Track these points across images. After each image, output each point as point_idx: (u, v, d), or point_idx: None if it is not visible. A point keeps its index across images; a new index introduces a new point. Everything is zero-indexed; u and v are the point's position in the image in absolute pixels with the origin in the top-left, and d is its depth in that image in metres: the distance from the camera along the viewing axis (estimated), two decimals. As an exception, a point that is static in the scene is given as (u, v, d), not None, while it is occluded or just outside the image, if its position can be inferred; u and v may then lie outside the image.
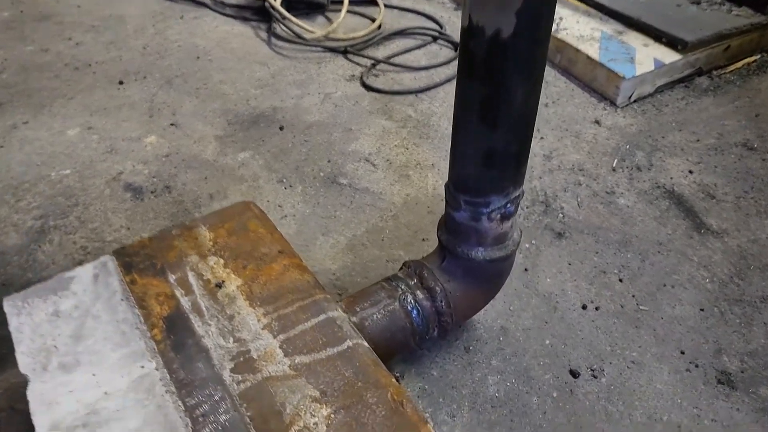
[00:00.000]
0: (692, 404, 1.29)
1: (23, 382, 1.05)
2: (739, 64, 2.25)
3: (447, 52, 2.46)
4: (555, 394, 1.30)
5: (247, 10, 2.68)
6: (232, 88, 2.22)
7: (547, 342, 1.40)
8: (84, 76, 2.29)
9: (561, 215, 1.71)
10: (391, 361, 1.31)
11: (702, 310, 1.47)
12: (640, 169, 1.86)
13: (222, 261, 1.21)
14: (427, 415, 1.26)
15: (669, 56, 2.10)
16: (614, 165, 1.87)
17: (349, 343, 1.08)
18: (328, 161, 1.89)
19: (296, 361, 1.05)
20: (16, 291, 1.52)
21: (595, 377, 1.34)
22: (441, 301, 1.24)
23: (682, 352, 1.38)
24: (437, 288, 1.24)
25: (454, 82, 2.14)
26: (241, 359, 1.05)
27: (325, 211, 1.73)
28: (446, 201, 1.22)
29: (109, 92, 2.20)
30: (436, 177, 1.84)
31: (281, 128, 2.02)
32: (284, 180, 1.82)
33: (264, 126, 2.03)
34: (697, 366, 1.36)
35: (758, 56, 2.29)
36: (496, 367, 1.35)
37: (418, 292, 1.24)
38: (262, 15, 2.63)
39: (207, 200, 1.76)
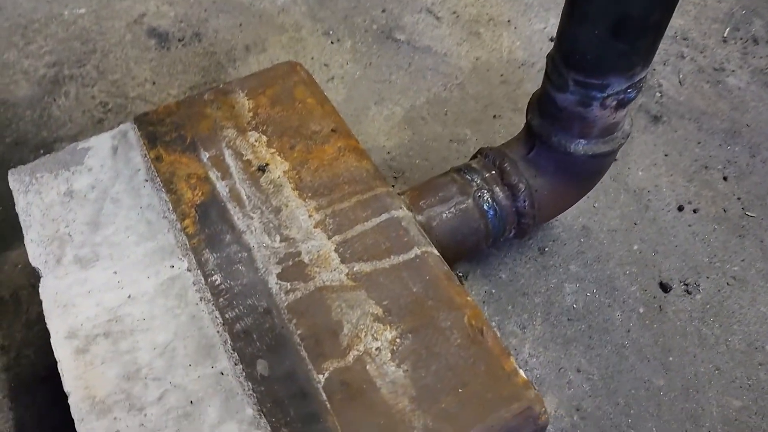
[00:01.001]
0: (801, 332, 1.11)
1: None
2: None
3: None
4: (641, 310, 1.13)
5: None
6: None
7: (636, 247, 1.21)
8: None
9: (659, 94, 1.44)
10: (457, 262, 1.13)
11: (821, 220, 1.25)
12: (756, 41, 1.54)
13: (265, 138, 1.00)
14: (505, 342, 1.11)
15: None
16: (725, 34, 1.56)
17: (417, 251, 0.90)
18: (383, 11, 1.60)
19: (355, 269, 0.88)
20: (30, 151, 1.35)
21: (689, 293, 1.16)
22: (524, 201, 1.03)
23: (793, 270, 1.19)
24: (521, 185, 1.03)
25: None
26: (290, 263, 0.88)
27: (378, 74, 1.47)
28: (547, 76, 0.97)
29: None
30: (513, 38, 1.55)
31: (328, -32, 1.70)
32: (331, 32, 1.55)
33: (308, -36, 1.71)
34: (810, 288, 1.17)
35: None
36: (574, 274, 1.17)
37: (497, 189, 1.03)
38: None
39: (243, 53, 1.51)
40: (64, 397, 0.77)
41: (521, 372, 0.81)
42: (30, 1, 1.64)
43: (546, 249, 1.20)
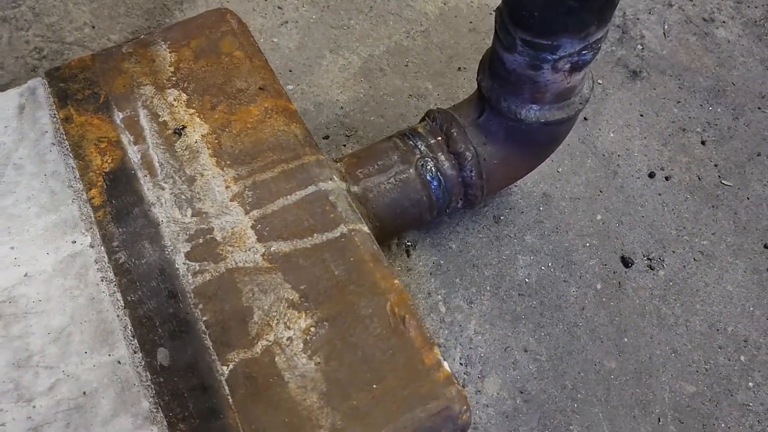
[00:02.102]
0: (766, 314, 1.04)
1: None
2: None
3: None
4: (599, 286, 1.06)
5: None
6: None
7: (599, 218, 1.13)
8: None
9: (640, 47, 1.32)
10: (401, 233, 1.06)
11: (802, 191, 1.16)
12: (755, -13, 1.41)
13: (185, 97, 0.91)
14: (437, 340, 1.04)
15: None
16: (721, -21, 1.42)
17: (343, 228, 0.82)
18: (347, -51, 1.46)
19: (272, 248, 0.80)
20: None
21: (652, 269, 1.08)
22: (471, 171, 0.95)
23: (766, 246, 1.11)
24: (467, 153, 0.94)
25: None
26: (201, 240, 0.81)
27: (336, 19, 1.35)
28: (495, 34, 0.86)
29: None
30: (485, -19, 1.41)
31: None
32: (289, -28, 1.42)
33: None
34: (781, 264, 1.09)
35: None
36: (530, 245, 1.10)
37: (442, 157, 0.95)
38: None
39: (190, -6, 1.39)
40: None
41: (445, 365, 0.74)
42: (-36, -69, 1.51)
43: (501, 218, 1.12)
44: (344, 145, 1.20)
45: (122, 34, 1.34)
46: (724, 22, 1.36)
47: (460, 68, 1.29)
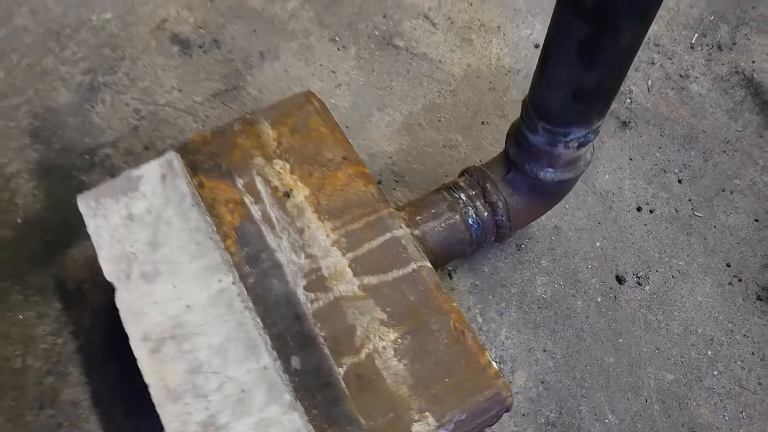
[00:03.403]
0: (728, 319, 1.36)
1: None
2: None
3: None
4: (599, 299, 1.37)
5: None
6: None
7: (598, 244, 1.44)
8: None
9: (629, 100, 1.63)
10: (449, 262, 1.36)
11: (756, 220, 1.47)
12: (720, 47, 1.72)
13: (288, 166, 1.21)
14: (483, 339, 1.35)
15: None
16: (693, 41, 1.73)
17: (414, 266, 1.12)
18: (384, 16, 1.76)
19: (365, 281, 1.10)
20: (76, 157, 1.55)
21: (640, 285, 1.39)
22: (502, 216, 1.25)
23: (728, 265, 1.42)
24: (499, 203, 1.24)
25: None
26: (314, 277, 1.10)
27: (380, 81, 1.65)
28: (522, 119, 1.17)
29: None
30: (501, 44, 1.72)
31: (333, -30, 1.84)
32: (337, 38, 1.72)
33: (314, -34, 1.85)
34: (740, 280, 1.40)
35: None
36: (545, 268, 1.40)
37: (479, 205, 1.25)
38: None
39: (258, 59, 1.68)
40: (133, 373, 1.01)
41: (494, 364, 1.05)
42: (59, 5, 1.79)
43: (522, 246, 1.43)
44: (394, 189, 1.50)
45: (204, 95, 1.63)
46: (696, 77, 1.67)
47: (483, 122, 1.60)
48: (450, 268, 1.40)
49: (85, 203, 1.18)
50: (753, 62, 1.69)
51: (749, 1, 1.80)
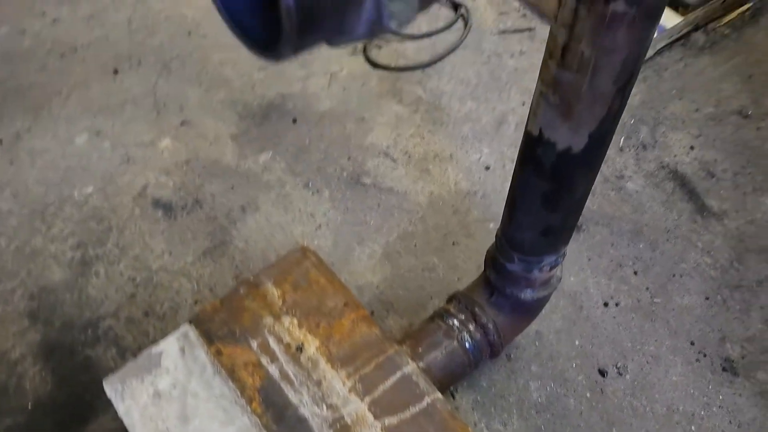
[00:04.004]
0: (702, 393, 1.51)
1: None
2: (734, 15, 2.30)
3: (445, 12, 2.42)
4: (588, 395, 1.51)
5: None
6: (234, 71, 2.17)
7: (577, 343, 1.58)
8: (73, 65, 2.20)
9: (576, 205, 1.83)
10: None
11: (707, 298, 1.66)
12: (645, 147, 1.96)
13: (296, 321, 1.32)
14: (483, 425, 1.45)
15: (671, 20, 2.13)
16: (621, 144, 1.97)
17: (428, 399, 1.23)
18: (348, 158, 1.94)
19: (386, 423, 1.20)
20: (78, 332, 1.61)
21: (621, 374, 1.54)
22: (494, 335, 1.39)
23: (692, 343, 1.59)
24: (490, 325, 1.38)
25: (458, 52, 2.13)
26: (338, 426, 1.19)
27: (355, 218, 1.81)
28: (497, 248, 1.33)
29: (105, 85, 2.13)
30: (456, 170, 1.91)
31: (294, 121, 2.03)
32: (310, 184, 1.88)
33: (276, 119, 2.04)
34: (705, 355, 1.57)
35: (751, 3, 2.33)
36: (536, 373, 1.53)
37: (472, 328, 1.38)
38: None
39: (240, 213, 1.81)
40: None
41: (515, 481, 1.15)
42: (40, 185, 1.89)
43: (512, 355, 1.56)
44: (386, 318, 1.62)
45: (195, 255, 1.74)
46: (630, 176, 1.90)
47: (453, 243, 1.76)
48: (452, 389, 1.51)
49: (111, 387, 1.24)
50: (675, 156, 1.94)
51: (660, 102, 2.08)
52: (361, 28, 0.42)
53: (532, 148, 1.05)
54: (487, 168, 1.91)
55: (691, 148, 1.96)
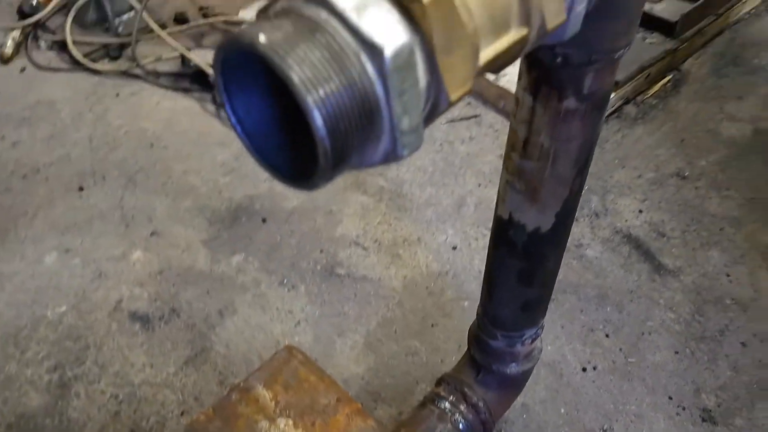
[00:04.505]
0: (688, 446, 1.56)
1: None
2: (658, 87, 2.52)
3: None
4: (581, 462, 1.54)
5: (183, 79, 2.64)
6: (199, 178, 2.23)
7: (563, 410, 1.63)
8: (37, 185, 2.22)
9: (543, 276, 1.92)
10: (446, 468, 1.48)
11: (676, 352, 1.74)
12: (598, 215, 2.09)
13: (291, 422, 1.33)
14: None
15: (602, 97, 2.32)
16: (576, 214, 2.09)
17: (430, 485, 1.24)
18: (321, 251, 1.99)
19: None
20: (62, 459, 1.56)
21: (609, 437, 1.58)
22: (484, 413, 1.42)
23: (670, 398, 1.65)
24: (480, 403, 1.41)
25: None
26: None
27: (333, 310, 1.84)
28: (479, 326, 1.38)
29: (71, 202, 2.16)
30: (425, 252, 1.99)
31: (264, 220, 2.08)
32: (285, 281, 1.91)
33: (246, 221, 2.09)
34: (684, 408, 1.63)
35: (671, 75, 2.57)
36: (527, 446, 1.56)
37: (464, 409, 1.41)
38: (201, 83, 2.60)
39: (218, 318, 1.83)
40: None
41: None
42: (11, 308, 1.87)
43: (502, 430, 1.59)
44: (375, 408, 1.64)
45: (176, 365, 1.73)
46: (588, 244, 2.01)
47: (432, 324, 1.81)
48: (447, 471, 1.51)
49: None
50: (626, 221, 2.07)
51: (606, 172, 2.23)
52: (378, 158, 0.49)
53: (504, 230, 1.13)
54: (454, 248, 1.99)
55: (640, 211, 2.10)
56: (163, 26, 2.79)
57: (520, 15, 0.56)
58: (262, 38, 0.43)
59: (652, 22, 2.57)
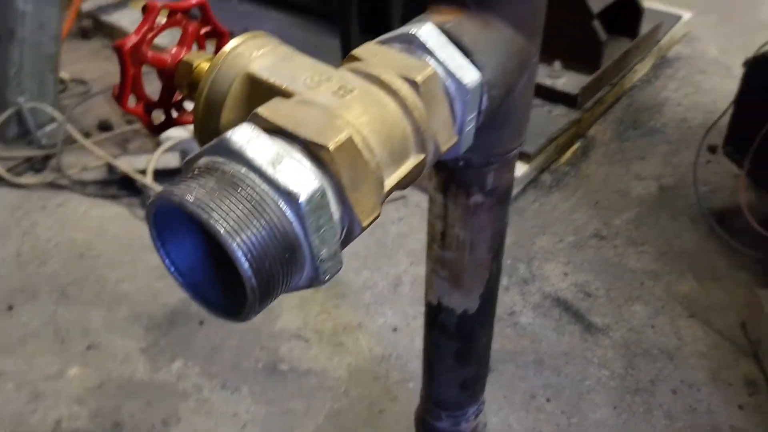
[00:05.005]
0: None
1: None
2: (568, 154, 2.71)
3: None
4: None
5: (110, 186, 2.65)
6: (134, 285, 2.22)
7: (515, 481, 1.66)
8: (-38, 309, 2.15)
9: (482, 348, 1.99)
10: None
11: (615, 407, 1.82)
12: (526, 282, 2.20)
13: None
14: None
15: (519, 168, 2.48)
16: (505, 283, 2.20)
17: None
18: (262, 348, 2.00)
19: None
20: None
21: (562, 502, 1.62)
22: (438, 496, 1.44)
23: (626, 455, 1.72)
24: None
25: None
26: None
27: (279, 408, 1.84)
28: (424, 409, 1.42)
29: (0, 324, 2.09)
30: (367, 337, 2.02)
31: (201, 323, 2.08)
32: (227, 383, 1.90)
33: (183, 324, 2.08)
34: (629, 463, 1.70)
35: (579, 143, 2.78)
36: None
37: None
38: (129, 188, 2.61)
39: (163, 428, 1.79)
40: None
41: None
42: (-63, 445, 1.77)
43: None
44: (331, 503, 1.62)
45: (121, 484, 1.67)
46: (521, 311, 2.10)
47: (380, 411, 1.83)
48: None
49: None
50: (553, 285, 2.18)
51: (528, 239, 2.36)
52: (303, 284, 0.55)
53: (435, 315, 1.20)
54: (395, 329, 2.04)
55: (565, 274, 2.22)
56: (87, 135, 2.82)
57: (416, 145, 0.64)
58: (189, 198, 0.49)
59: (555, 96, 2.79)
